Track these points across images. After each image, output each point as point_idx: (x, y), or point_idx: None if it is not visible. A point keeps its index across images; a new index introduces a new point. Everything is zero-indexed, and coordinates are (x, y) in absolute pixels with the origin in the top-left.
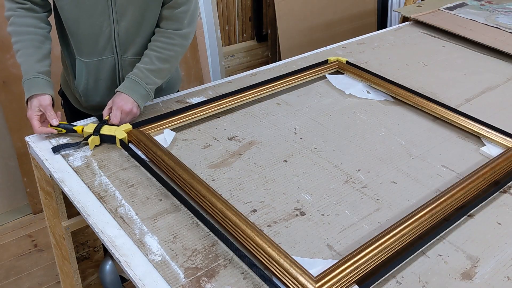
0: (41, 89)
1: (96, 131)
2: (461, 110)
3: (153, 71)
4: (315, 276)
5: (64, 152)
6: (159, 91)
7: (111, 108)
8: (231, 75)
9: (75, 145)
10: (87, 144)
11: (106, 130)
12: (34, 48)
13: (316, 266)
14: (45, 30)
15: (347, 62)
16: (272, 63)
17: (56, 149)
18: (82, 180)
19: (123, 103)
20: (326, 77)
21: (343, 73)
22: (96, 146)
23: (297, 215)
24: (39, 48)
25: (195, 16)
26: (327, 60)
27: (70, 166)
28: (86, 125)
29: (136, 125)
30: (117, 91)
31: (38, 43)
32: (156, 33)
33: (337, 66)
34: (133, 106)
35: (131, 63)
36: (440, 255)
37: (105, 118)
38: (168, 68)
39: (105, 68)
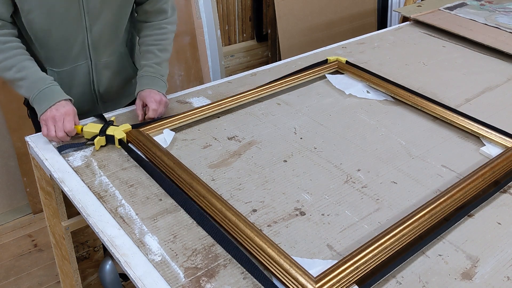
0: (65, 95)
1: (102, 132)
2: (461, 110)
3: (160, 63)
4: (315, 276)
5: (64, 152)
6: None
7: (143, 107)
8: (231, 75)
9: (81, 145)
10: (92, 144)
11: (107, 130)
12: (30, 61)
13: (316, 267)
14: (23, 44)
15: (347, 62)
16: (272, 63)
17: (61, 149)
18: (82, 180)
19: (152, 95)
20: (326, 77)
21: (343, 73)
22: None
23: (297, 215)
24: (32, 60)
25: (173, 0)
26: (327, 59)
27: (70, 166)
28: (85, 125)
29: (135, 125)
30: (139, 92)
31: (29, 56)
32: (145, 28)
33: (336, 66)
34: (161, 95)
35: (105, 65)
36: (440, 255)
37: (141, 119)
38: (168, 56)
39: (79, 75)
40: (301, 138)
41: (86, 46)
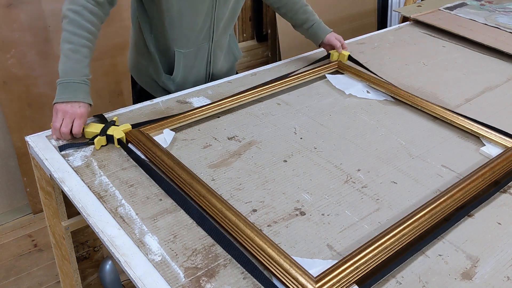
0: (88, 98)
1: (103, 132)
2: (461, 110)
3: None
4: (315, 276)
5: (64, 152)
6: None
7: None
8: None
9: (81, 145)
10: (92, 143)
11: (108, 130)
12: (89, 50)
13: (316, 267)
14: (98, 34)
15: (349, 57)
16: (272, 63)
17: (62, 148)
18: (82, 180)
19: (336, 36)
20: (326, 77)
21: (343, 73)
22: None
23: (297, 215)
24: (91, 52)
25: None
26: (329, 54)
27: (70, 166)
28: (87, 125)
29: (135, 125)
30: (326, 36)
31: (93, 46)
32: None
33: (336, 66)
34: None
35: (220, 46)
36: (440, 255)
37: (340, 51)
38: None
39: (200, 55)
40: (301, 138)
41: (212, 27)
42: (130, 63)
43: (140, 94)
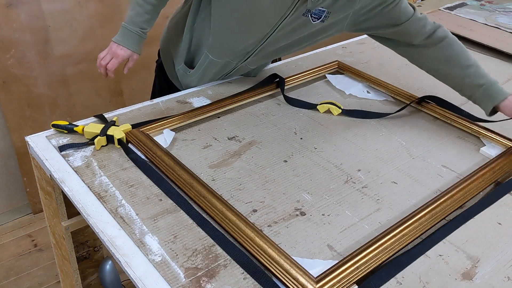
0: (134, 47)
1: (103, 132)
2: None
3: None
4: (315, 276)
5: (64, 152)
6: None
7: None
8: None
9: (81, 145)
10: (93, 144)
11: (108, 130)
12: (152, 8)
13: (316, 267)
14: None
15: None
16: (272, 63)
17: (62, 148)
18: (82, 180)
19: None
20: (326, 77)
21: (343, 73)
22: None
23: (297, 215)
24: (155, 10)
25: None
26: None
27: (70, 166)
28: (87, 125)
29: (135, 125)
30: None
31: (158, 4)
32: (429, 51)
33: (336, 66)
34: None
35: (245, 70)
36: (440, 255)
37: None
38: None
39: (222, 69)
40: (301, 138)
41: (250, 54)
42: (162, 37)
43: (160, 70)
